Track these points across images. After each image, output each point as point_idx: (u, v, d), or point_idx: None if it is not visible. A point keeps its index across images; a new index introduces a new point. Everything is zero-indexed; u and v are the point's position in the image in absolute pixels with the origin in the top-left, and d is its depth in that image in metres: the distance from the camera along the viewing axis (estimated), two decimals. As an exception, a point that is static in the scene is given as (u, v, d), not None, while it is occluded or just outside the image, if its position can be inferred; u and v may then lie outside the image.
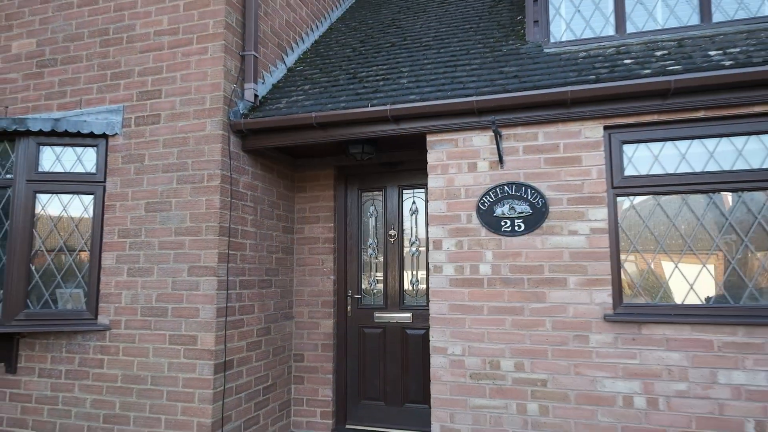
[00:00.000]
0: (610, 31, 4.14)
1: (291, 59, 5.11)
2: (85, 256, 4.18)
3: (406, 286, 4.81)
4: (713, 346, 3.15)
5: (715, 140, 3.36)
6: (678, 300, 3.35)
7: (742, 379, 3.09)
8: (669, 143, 3.43)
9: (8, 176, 4.18)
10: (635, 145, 3.49)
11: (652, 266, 3.42)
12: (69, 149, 4.25)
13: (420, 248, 4.77)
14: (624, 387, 3.27)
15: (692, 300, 3.33)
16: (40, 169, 4.20)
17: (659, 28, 4.02)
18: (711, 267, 3.32)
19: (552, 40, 4.26)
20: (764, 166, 3.27)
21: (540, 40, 4.26)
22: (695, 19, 3.98)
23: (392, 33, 5.33)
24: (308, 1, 5.57)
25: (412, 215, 4.85)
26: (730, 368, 3.11)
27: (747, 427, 3.06)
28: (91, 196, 4.22)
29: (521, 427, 3.43)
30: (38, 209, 4.18)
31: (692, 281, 3.35)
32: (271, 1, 4.78)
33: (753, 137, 3.29)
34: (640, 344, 3.27)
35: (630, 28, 4.10)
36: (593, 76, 3.49)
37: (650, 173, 3.45)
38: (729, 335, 3.13)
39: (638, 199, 3.47)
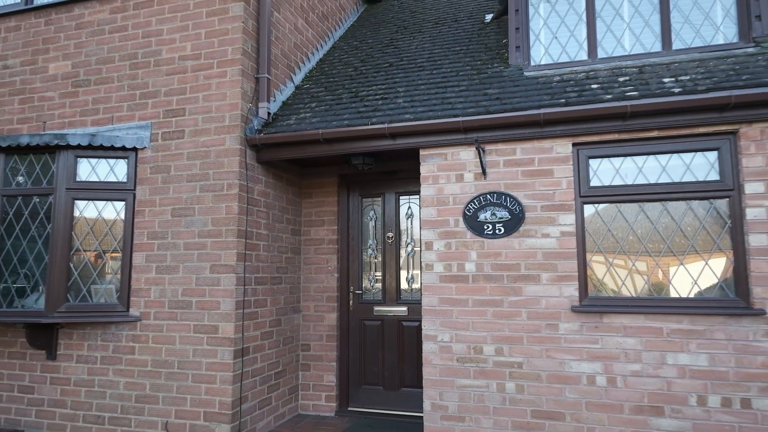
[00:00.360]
0: (583, 56, 4.69)
1: (298, 78, 5.67)
2: (117, 255, 4.73)
3: (403, 282, 5.36)
4: (663, 333, 3.70)
5: (666, 156, 3.91)
6: (634, 294, 3.90)
7: (686, 361, 3.64)
8: (628, 158, 3.99)
9: (50, 185, 4.74)
10: (599, 159, 4.04)
11: (613, 264, 3.97)
12: (103, 161, 4.81)
13: (415, 248, 5.33)
14: (588, 368, 3.83)
15: (646, 293, 3.88)
16: (77, 179, 4.75)
17: (625, 54, 4.56)
18: (663, 265, 3.87)
19: (532, 63, 4.81)
20: (708, 179, 3.82)
21: (521, 64, 4.81)
22: (657, 46, 4.52)
23: (390, 53, 5.89)
24: (314, 23, 6.13)
25: (407, 219, 5.40)
26: (677, 351, 3.66)
27: (690, 401, 3.61)
28: (123, 203, 4.78)
29: (500, 404, 3.98)
30: (76, 214, 4.74)
31: (647, 277, 3.90)
32: (281, 26, 5.33)
33: (698, 154, 3.84)
34: (601, 331, 3.82)
35: (600, 53, 4.64)
36: (563, 100, 4.04)
37: (612, 184, 4.00)
38: (676, 323, 3.68)
39: (602, 206, 4.02)
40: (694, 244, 3.81)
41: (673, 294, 3.82)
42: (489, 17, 6.14)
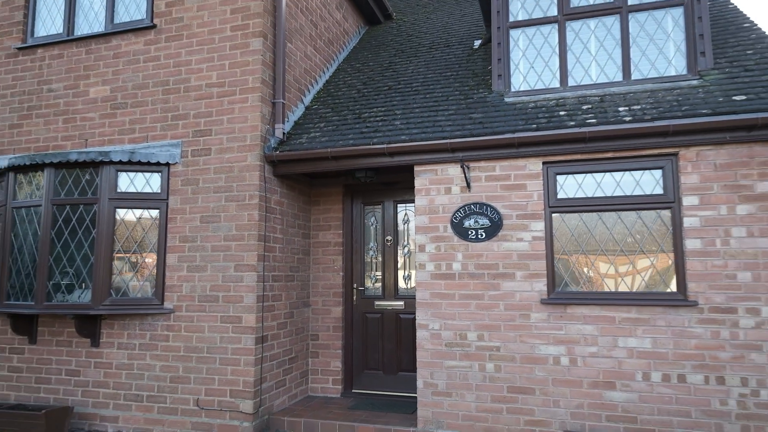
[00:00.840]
0: (556, 83, 5.46)
1: (308, 99, 6.44)
2: (153, 256, 5.50)
3: (400, 280, 6.14)
4: (615, 321, 4.48)
5: (620, 173, 4.68)
6: (593, 288, 4.67)
7: (634, 344, 4.41)
8: (588, 175, 4.76)
9: (94, 195, 5.50)
10: (565, 175, 4.81)
11: (576, 264, 4.74)
12: (140, 174, 5.58)
13: (410, 250, 6.10)
14: (554, 350, 4.60)
15: (603, 288, 4.65)
16: (118, 190, 5.52)
17: (592, 83, 5.32)
18: (617, 264, 4.65)
19: (512, 89, 5.58)
20: (654, 193, 4.59)
21: (502, 90, 5.58)
22: (619, 76, 5.29)
23: (389, 76, 6.66)
24: (321, 49, 6.90)
25: (404, 224, 6.18)
26: (626, 336, 4.44)
27: (636, 377, 4.38)
28: (158, 210, 5.55)
29: (481, 381, 4.76)
30: (117, 220, 5.51)
31: (603, 274, 4.67)
32: (293, 55, 6.10)
33: (646, 172, 4.62)
34: (565, 320, 4.59)
35: (571, 82, 5.41)
36: (535, 125, 4.81)
37: (575, 196, 4.77)
38: (626, 313, 4.46)
39: (567, 215, 4.80)
40: (642, 247, 4.59)
41: (624, 288, 4.60)
42: (477, 43, 6.91)
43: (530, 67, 5.58)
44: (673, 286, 4.46)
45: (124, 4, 6.04)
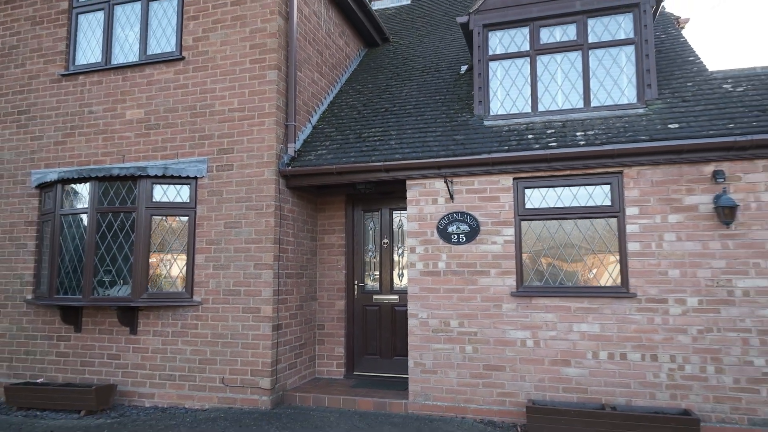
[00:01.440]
0: (528, 109, 6.44)
1: (315, 119, 7.43)
2: (183, 256, 6.49)
3: (395, 277, 7.13)
4: (571, 310, 5.47)
5: (576, 188, 5.67)
6: (553, 283, 5.67)
7: (585, 329, 5.41)
8: (551, 189, 5.75)
9: (133, 204, 6.48)
10: (531, 189, 5.80)
11: (540, 263, 5.74)
12: (172, 186, 6.56)
13: (404, 251, 7.08)
14: (521, 335, 5.59)
15: (561, 282, 5.65)
16: (153, 200, 6.50)
17: (557, 109, 6.31)
18: (573, 263, 5.64)
19: (491, 114, 6.56)
20: (604, 204, 5.58)
21: (482, 114, 6.57)
22: (580, 104, 6.27)
23: (386, 98, 7.65)
24: (325, 74, 7.89)
25: (398, 229, 7.17)
26: (579, 322, 5.43)
27: (587, 356, 5.38)
28: (187, 217, 6.53)
29: (462, 361, 5.75)
30: (153, 225, 6.49)
31: (562, 271, 5.66)
32: (302, 82, 7.09)
33: (597, 186, 5.61)
34: (530, 309, 5.59)
35: (540, 107, 6.40)
36: (507, 147, 5.80)
37: (540, 207, 5.76)
38: (579, 303, 5.45)
39: (533, 222, 5.79)
40: (594, 249, 5.59)
41: (579, 283, 5.59)
42: (464, 69, 7.89)
43: (506, 94, 6.57)
44: (617, 281, 5.45)
45: (155, 38, 7.03)
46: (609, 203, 5.57)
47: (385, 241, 7.23)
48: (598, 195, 5.62)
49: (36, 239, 7.14)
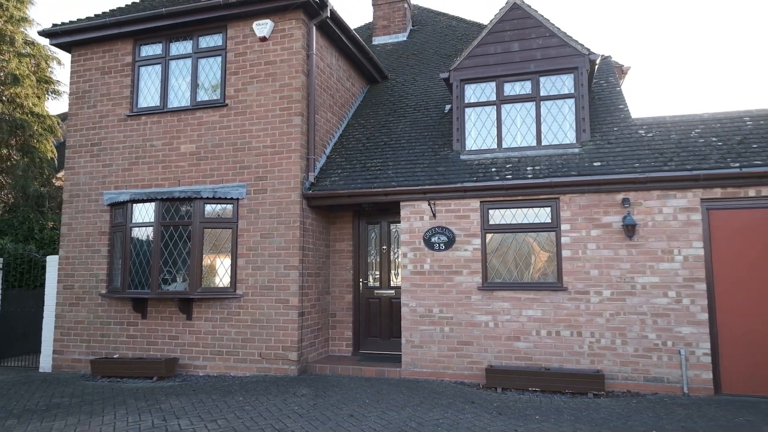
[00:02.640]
0: (494, 146, 8.48)
1: (328, 150, 9.47)
2: (228, 260, 8.52)
3: (391, 275, 9.18)
4: (521, 299, 7.52)
5: (526, 209, 7.72)
6: (509, 279, 7.71)
7: (531, 313, 7.46)
8: (508, 209, 7.80)
9: (189, 219, 8.52)
10: (494, 210, 7.85)
11: (499, 265, 7.78)
12: (219, 205, 8.60)
13: (398, 256, 9.13)
14: (485, 318, 7.64)
15: (514, 279, 7.69)
16: (204, 216, 8.54)
17: (516, 146, 8.34)
18: (524, 265, 7.69)
19: (466, 149, 8.60)
20: (546, 221, 7.62)
21: (460, 150, 8.60)
22: (534, 143, 8.31)
23: (384, 133, 9.70)
24: (336, 112, 9.94)
25: (394, 238, 9.22)
26: (527, 308, 7.48)
27: (532, 333, 7.43)
28: (230, 229, 8.57)
29: (441, 338, 7.79)
30: (204, 236, 8.53)
31: (515, 271, 7.71)
32: (319, 122, 9.12)
33: (542, 208, 7.66)
34: (492, 299, 7.64)
35: (504, 145, 8.43)
36: (475, 178, 7.85)
37: (500, 223, 7.81)
38: (527, 294, 7.50)
39: (494, 234, 7.84)
40: (538, 254, 7.64)
41: (527, 279, 7.64)
42: (447, 108, 9.93)
43: (478, 134, 8.62)
44: (554, 278, 7.50)
45: (203, 88, 9.07)
46: (549, 221, 7.62)
47: (384, 247, 9.28)
48: (542, 214, 7.67)
49: (108, 246, 9.18)
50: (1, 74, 12.59)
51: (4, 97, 12.63)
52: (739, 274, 6.88)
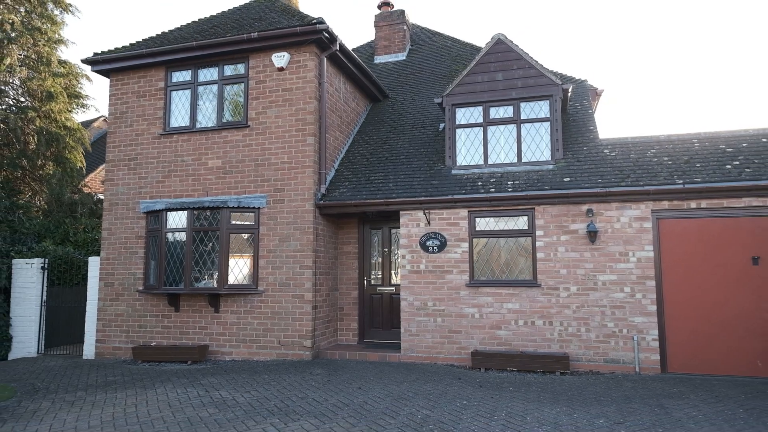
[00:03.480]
0: (481, 162, 9.89)
1: (336, 164, 10.88)
2: (250, 261, 9.92)
3: (392, 274, 10.59)
4: (502, 294, 8.94)
5: (507, 217, 9.14)
6: (492, 277, 9.12)
7: (510, 306, 8.87)
8: (491, 218, 9.22)
9: (217, 226, 9.93)
10: (480, 218, 9.27)
11: (484, 265, 9.19)
12: (243, 213, 10.01)
13: (398, 257, 10.54)
14: (471, 310, 9.06)
15: (497, 277, 9.10)
16: (230, 223, 9.96)
17: (500, 163, 9.75)
18: (505, 265, 9.09)
19: (457, 165, 10.00)
20: (524, 228, 9.04)
21: (451, 165, 10.01)
22: (515, 160, 9.72)
23: (386, 149, 11.11)
24: (343, 130, 11.35)
25: (395, 241, 10.64)
26: (507, 302, 8.89)
27: (511, 323, 8.84)
28: (253, 234, 9.98)
29: (434, 328, 9.21)
30: (230, 240, 9.94)
31: (498, 270, 9.12)
32: (329, 140, 10.53)
33: (519, 217, 9.07)
34: (478, 294, 9.05)
35: (489, 161, 9.84)
36: (464, 191, 9.26)
37: (485, 229, 9.23)
38: (506, 290, 8.92)
39: (480, 239, 9.25)
40: (517, 256, 9.05)
41: (508, 277, 9.05)
42: (441, 126, 11.33)
43: (467, 151, 10.03)
44: (530, 276, 8.92)
45: (228, 111, 10.48)
46: (526, 228, 9.04)
47: (386, 249, 10.69)
48: (520, 222, 9.09)
49: (144, 248, 10.59)
50: (39, 92, 14.00)
51: (41, 113, 14.04)
52: (682, 274, 8.30)
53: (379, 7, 15.97)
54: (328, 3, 59.96)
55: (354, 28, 57.99)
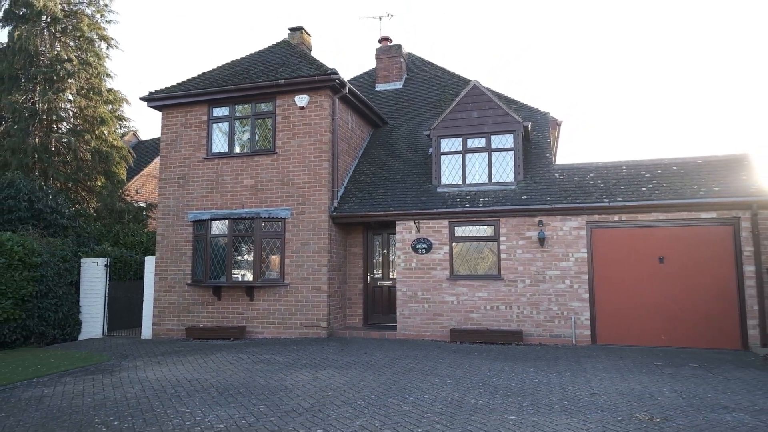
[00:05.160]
0: (460, 182, 12.72)
1: (345, 182, 13.71)
2: (278, 259, 12.75)
3: (390, 271, 13.43)
4: (474, 285, 11.78)
5: (479, 226, 11.97)
6: (468, 272, 11.96)
7: (480, 294, 11.71)
8: (467, 226, 12.06)
9: (252, 233, 12.75)
10: (458, 227, 12.10)
11: (461, 263, 12.02)
12: (272, 222, 12.84)
13: (395, 257, 13.37)
14: (451, 298, 11.90)
15: (471, 272, 11.95)
16: (263, 230, 12.79)
17: (474, 183, 12.58)
18: (477, 263, 11.93)
19: (441, 184, 12.83)
20: (492, 235, 11.87)
21: (437, 184, 12.84)
22: (486, 181, 12.56)
23: (385, 170, 13.93)
24: (351, 154, 14.18)
25: (392, 245, 13.47)
26: (478, 292, 11.73)
27: (481, 307, 11.68)
28: (280, 239, 12.81)
29: (422, 313, 12.05)
30: (263, 244, 12.76)
31: (471, 267, 11.95)
32: (339, 162, 13.35)
33: (488, 226, 11.91)
34: (456, 286, 11.89)
35: (467, 182, 12.68)
36: (446, 205, 12.10)
37: (462, 236, 12.07)
38: (478, 282, 11.75)
39: (458, 243, 12.09)
40: (487, 257, 11.89)
41: (479, 272, 11.89)
42: (430, 151, 14.13)
43: (449, 173, 12.86)
44: (496, 272, 11.75)
45: (259, 140, 13.30)
46: (493, 234, 11.87)
47: (385, 251, 13.53)
48: (488, 230, 11.93)
49: (191, 249, 13.41)
50: (92, 118, 16.85)
51: (93, 135, 16.90)
52: (608, 270, 11.14)
53: (380, 41, 18.76)
54: (333, 26, 63.14)
55: (358, 56, 61.34)
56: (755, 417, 5.92)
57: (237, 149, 13.50)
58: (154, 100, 13.94)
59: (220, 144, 13.65)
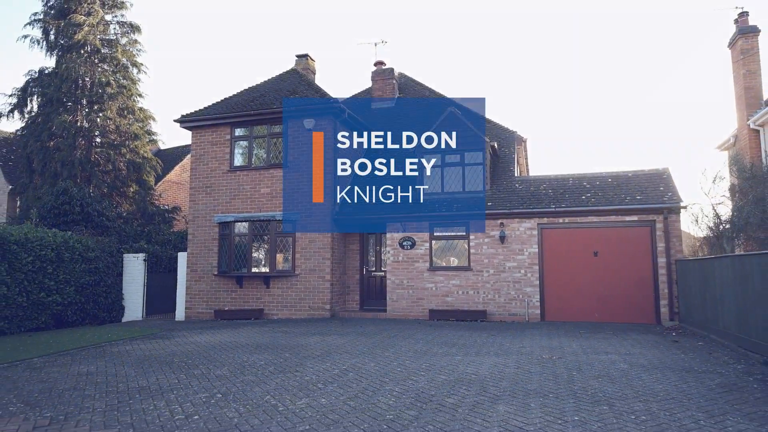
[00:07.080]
0: (440, 190, 15.67)
1: (346, 189, 16.65)
2: (290, 254, 15.69)
3: (382, 263, 16.38)
4: (449, 275, 14.73)
5: (453, 227, 14.92)
6: (445, 265, 14.91)
7: (454, 282, 14.66)
8: (444, 227, 15.01)
9: (267, 234, 15.69)
10: (436, 227, 15.06)
11: (439, 257, 14.97)
12: (285, 223, 15.79)
13: (385, 252, 16.31)
14: (431, 285, 14.85)
15: (446, 264, 14.89)
16: (277, 231, 15.73)
17: (451, 191, 15.53)
18: (449, 257, 14.87)
19: (426, 192, 15.78)
20: (463, 234, 14.82)
21: (424, 192, 15.80)
22: (461, 189, 15.51)
23: (378, 180, 16.90)
24: (349, 165, 17.14)
25: (384, 243, 16.42)
26: (452, 280, 14.68)
27: (454, 292, 14.61)
28: (291, 238, 15.77)
29: (408, 297, 15.00)
30: (277, 241, 15.71)
31: (447, 260, 14.89)
32: (339, 173, 16.29)
33: (461, 226, 14.86)
34: (435, 275, 14.84)
35: (445, 190, 15.62)
36: (427, 210, 15.05)
37: (440, 234, 15.03)
38: (453, 272, 14.70)
39: (437, 241, 15.05)
40: (460, 252, 14.84)
41: (453, 264, 14.84)
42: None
43: (432, 183, 15.81)
44: (467, 264, 14.70)
45: (273, 155, 16.24)
46: (464, 234, 14.83)
47: (378, 247, 16.49)
48: (461, 229, 14.88)
49: (217, 246, 16.35)
50: (127, 133, 19.80)
51: (128, 148, 19.85)
52: (554, 262, 14.08)
53: (375, 64, 21.68)
54: (335, 48, 65.94)
55: (357, 74, 64.75)
56: (621, 356, 8.88)
57: (255, 163, 16.44)
58: (186, 122, 16.88)
59: (240, 159, 16.60)
